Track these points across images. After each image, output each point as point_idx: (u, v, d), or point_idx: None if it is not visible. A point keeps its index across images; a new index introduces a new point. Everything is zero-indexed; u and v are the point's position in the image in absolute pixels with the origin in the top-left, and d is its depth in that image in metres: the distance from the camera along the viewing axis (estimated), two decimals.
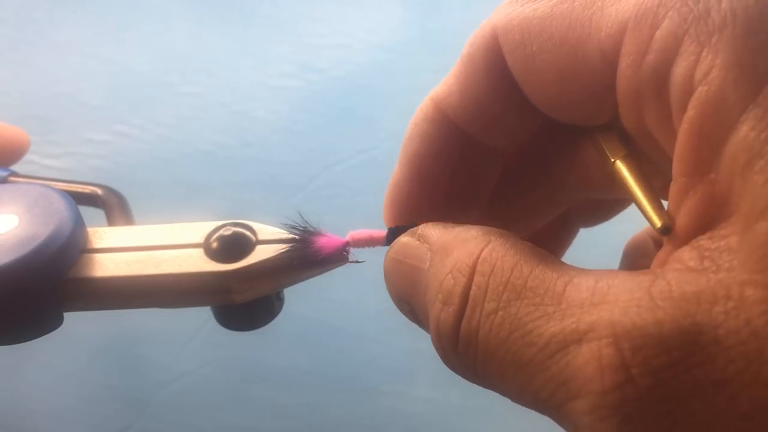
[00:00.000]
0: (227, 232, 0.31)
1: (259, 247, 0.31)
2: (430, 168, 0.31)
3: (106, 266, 0.30)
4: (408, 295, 0.28)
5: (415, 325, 0.30)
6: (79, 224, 0.31)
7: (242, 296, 0.30)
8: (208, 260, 0.30)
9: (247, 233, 0.31)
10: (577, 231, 0.38)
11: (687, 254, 0.21)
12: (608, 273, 0.22)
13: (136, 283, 0.30)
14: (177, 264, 0.30)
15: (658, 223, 0.23)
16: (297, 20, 0.73)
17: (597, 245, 0.68)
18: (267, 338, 0.33)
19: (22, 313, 0.29)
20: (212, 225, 0.31)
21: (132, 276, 0.30)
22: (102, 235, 0.31)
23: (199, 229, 0.31)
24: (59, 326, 0.31)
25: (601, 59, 0.24)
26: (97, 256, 0.31)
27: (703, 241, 0.21)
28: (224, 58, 0.71)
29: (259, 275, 0.30)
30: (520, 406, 0.25)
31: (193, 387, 0.61)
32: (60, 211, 0.30)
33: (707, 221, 0.22)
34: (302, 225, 0.31)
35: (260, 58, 0.71)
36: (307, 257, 0.30)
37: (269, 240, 0.31)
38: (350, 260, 0.31)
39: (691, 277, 0.21)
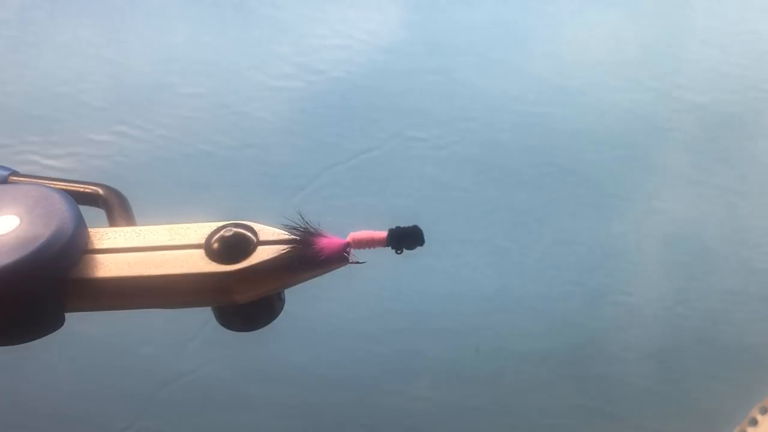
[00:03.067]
0: (228, 233, 0.31)
1: (260, 248, 0.31)
2: None
3: (107, 267, 0.30)
4: None
5: (415, 325, 0.30)
6: (80, 225, 0.31)
7: (243, 297, 0.30)
8: (209, 261, 0.30)
9: (248, 234, 0.31)
10: None
11: None
12: None
13: (138, 283, 0.30)
14: (178, 265, 0.30)
15: None
16: (297, 21, 0.73)
17: (597, 244, 0.69)
18: (267, 338, 0.33)
19: (23, 313, 0.29)
20: (213, 226, 0.31)
21: (133, 276, 0.30)
22: (103, 235, 0.32)
23: (200, 230, 0.31)
24: (60, 327, 0.31)
25: None
26: (99, 257, 0.31)
27: None
28: (225, 59, 0.71)
29: (259, 276, 0.30)
30: (519, 406, 0.25)
31: (193, 387, 0.61)
32: (61, 211, 0.30)
33: None
34: (303, 226, 0.31)
35: (261, 59, 0.71)
36: (308, 258, 0.30)
37: (270, 241, 0.31)
38: (351, 261, 0.31)
39: None
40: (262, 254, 0.30)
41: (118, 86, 0.69)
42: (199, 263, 0.30)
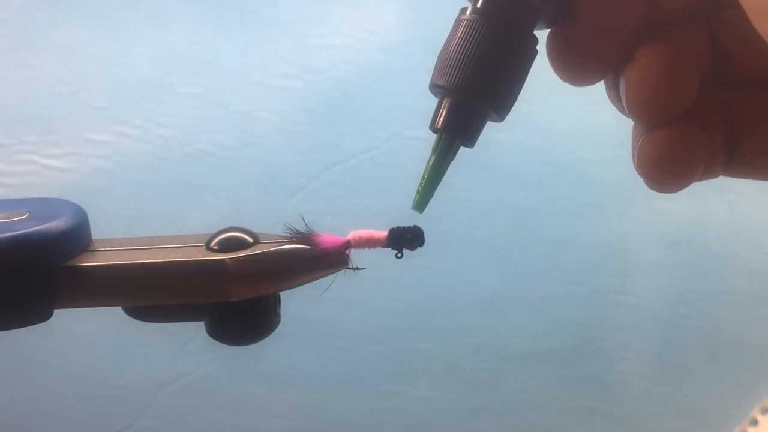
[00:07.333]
0: (228, 232, 0.31)
1: (259, 245, 0.31)
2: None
3: (103, 258, 0.31)
4: None
5: (415, 325, 0.30)
6: (82, 226, 0.31)
7: (240, 291, 0.30)
8: (209, 253, 0.31)
9: (248, 236, 0.31)
10: None
11: None
12: None
13: (133, 272, 0.30)
14: (176, 255, 0.30)
15: None
16: (297, 21, 0.73)
17: (597, 244, 0.68)
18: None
19: (13, 294, 0.29)
20: (214, 232, 0.32)
21: (128, 264, 0.30)
22: (104, 239, 0.32)
23: (200, 236, 0.32)
24: (47, 319, 0.31)
25: None
26: (97, 253, 0.31)
27: None
28: (224, 59, 0.71)
29: (258, 268, 0.30)
30: (519, 406, 0.25)
31: (193, 387, 0.61)
32: (68, 210, 0.31)
33: None
34: (304, 226, 0.31)
35: (260, 59, 0.71)
36: (307, 254, 0.30)
37: (270, 241, 0.31)
38: (350, 266, 0.31)
39: None
40: (261, 248, 0.31)
41: (117, 86, 0.69)
42: (198, 254, 0.30)
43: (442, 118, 0.30)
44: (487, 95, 0.29)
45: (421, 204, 0.30)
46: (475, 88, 0.29)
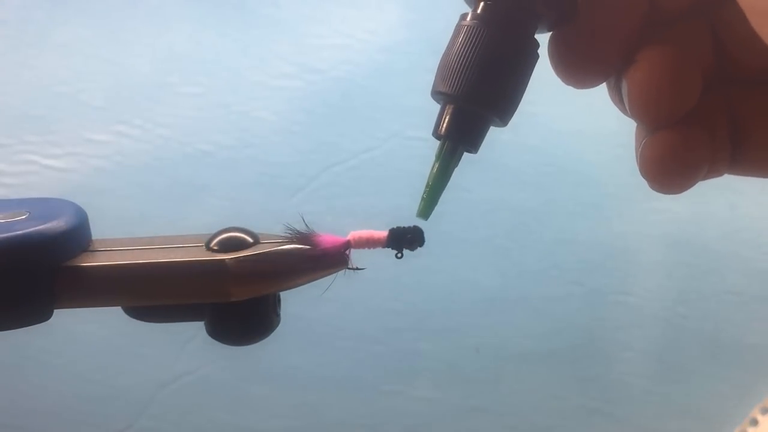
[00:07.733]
0: (228, 233, 0.31)
1: (259, 245, 0.31)
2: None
3: (104, 258, 0.31)
4: None
5: (415, 325, 0.30)
6: (83, 225, 0.31)
7: (240, 290, 0.30)
8: (209, 253, 0.31)
9: (248, 237, 0.31)
10: None
11: None
12: None
13: (133, 270, 0.30)
14: (176, 255, 0.30)
15: None
16: (297, 21, 0.73)
17: (597, 244, 0.68)
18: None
19: (13, 294, 0.29)
20: (214, 232, 0.32)
21: (128, 264, 0.30)
22: (104, 239, 0.32)
23: (201, 236, 0.32)
24: (47, 319, 0.31)
25: None
26: (97, 253, 0.31)
27: None
28: (225, 59, 0.71)
29: (258, 267, 0.30)
30: (519, 406, 0.25)
31: (193, 387, 0.61)
32: (68, 210, 0.31)
33: None
34: (304, 226, 0.31)
35: (260, 59, 0.71)
36: (308, 253, 0.30)
37: (270, 242, 0.31)
38: (350, 266, 0.31)
39: None
40: (261, 248, 0.31)
41: (117, 86, 0.69)
42: (198, 254, 0.30)
43: (445, 125, 0.30)
44: (489, 101, 0.29)
45: (425, 211, 0.30)
46: (478, 94, 0.29)
